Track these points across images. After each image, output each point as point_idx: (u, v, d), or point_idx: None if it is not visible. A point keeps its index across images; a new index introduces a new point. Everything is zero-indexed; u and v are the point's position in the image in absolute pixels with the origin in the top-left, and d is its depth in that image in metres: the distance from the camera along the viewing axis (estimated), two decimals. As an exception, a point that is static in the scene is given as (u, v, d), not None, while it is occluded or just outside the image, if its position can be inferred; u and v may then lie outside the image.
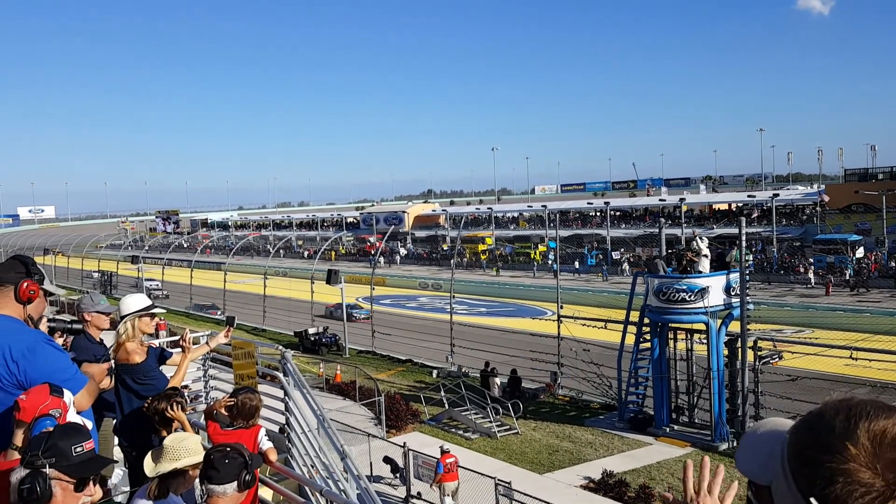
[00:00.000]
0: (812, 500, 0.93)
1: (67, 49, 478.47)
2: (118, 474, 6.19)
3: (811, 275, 47.82)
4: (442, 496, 16.41)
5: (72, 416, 3.05)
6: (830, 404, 1.02)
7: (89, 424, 3.31)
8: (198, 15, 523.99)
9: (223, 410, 5.27)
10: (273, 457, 5.26)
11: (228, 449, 3.62)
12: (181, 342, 5.72)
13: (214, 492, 3.45)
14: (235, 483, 3.49)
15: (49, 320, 4.41)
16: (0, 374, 3.18)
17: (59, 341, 4.63)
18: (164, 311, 5.95)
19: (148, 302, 5.43)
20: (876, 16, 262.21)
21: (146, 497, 3.72)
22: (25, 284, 3.38)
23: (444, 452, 16.59)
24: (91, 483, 2.69)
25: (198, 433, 4.99)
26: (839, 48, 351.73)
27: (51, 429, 2.80)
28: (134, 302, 5.36)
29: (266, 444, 5.18)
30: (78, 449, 2.67)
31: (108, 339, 6.04)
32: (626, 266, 57.09)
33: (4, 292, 3.36)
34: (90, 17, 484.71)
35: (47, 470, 2.56)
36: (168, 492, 3.75)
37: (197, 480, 3.93)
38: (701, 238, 22.75)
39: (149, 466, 3.79)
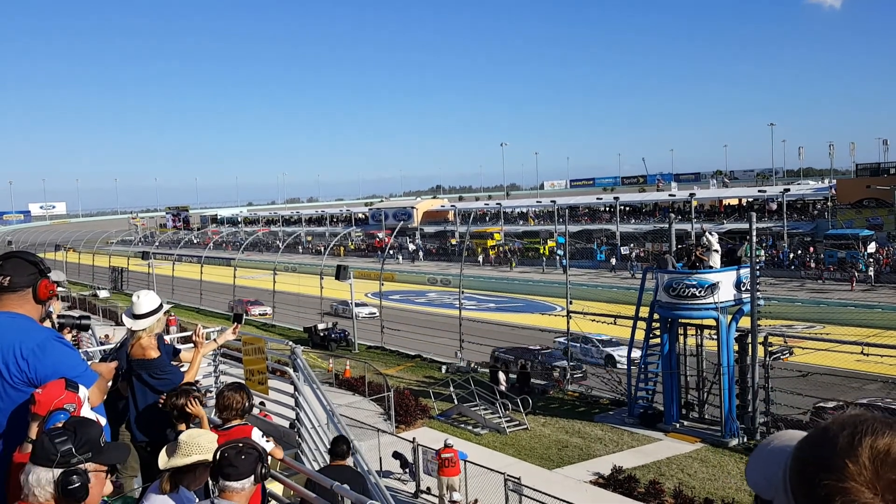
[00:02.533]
0: None
1: (77, 48, 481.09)
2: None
3: (871, 271, 45.79)
4: (440, 488, 16.50)
5: (86, 412, 3.08)
6: (839, 420, 0.99)
7: (102, 420, 3.33)
8: (207, 13, 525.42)
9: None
10: (279, 455, 5.26)
11: (241, 444, 3.62)
12: (194, 337, 5.72)
13: (232, 488, 3.45)
14: (252, 477, 3.51)
15: (59, 316, 4.42)
16: (11, 371, 3.19)
17: (68, 337, 4.65)
18: (171, 305, 5.96)
19: (160, 300, 5.44)
20: (888, 9, 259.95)
21: (158, 491, 3.74)
22: (44, 284, 3.38)
23: (445, 447, 16.73)
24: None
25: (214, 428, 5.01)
26: (850, 42, 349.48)
27: (60, 424, 2.83)
28: (147, 302, 5.36)
29: (268, 445, 5.13)
30: (103, 439, 2.75)
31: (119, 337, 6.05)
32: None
33: (22, 295, 3.35)
34: (100, 15, 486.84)
35: (84, 465, 2.61)
36: (179, 486, 3.76)
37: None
38: (711, 233, 22.65)
39: (162, 460, 3.82)
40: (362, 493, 6.57)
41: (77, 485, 2.55)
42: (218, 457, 3.52)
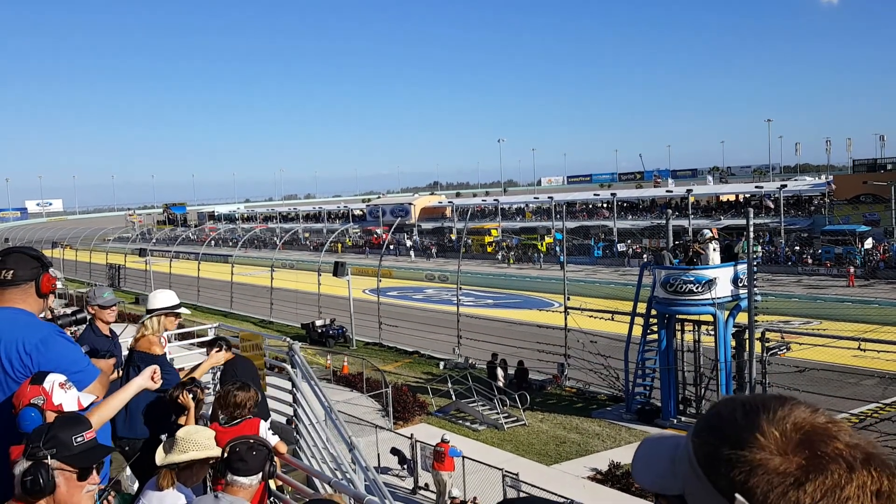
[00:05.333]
0: (737, 496, 0.92)
1: (74, 44, 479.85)
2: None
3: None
4: (437, 483, 16.54)
5: (65, 399, 3.04)
6: (722, 403, 1.03)
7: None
8: (204, 9, 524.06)
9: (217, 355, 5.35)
10: (283, 450, 5.28)
11: (252, 441, 3.63)
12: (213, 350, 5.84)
13: (240, 483, 3.45)
14: (260, 474, 3.51)
15: (57, 317, 4.42)
16: (15, 366, 3.20)
17: (68, 333, 4.65)
18: (188, 311, 5.92)
19: (176, 300, 5.42)
20: (885, 5, 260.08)
21: (155, 488, 3.74)
22: (46, 278, 3.39)
23: (440, 441, 16.88)
24: (94, 472, 2.71)
25: (206, 424, 5.01)
26: (848, 37, 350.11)
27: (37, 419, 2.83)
28: (162, 298, 5.35)
29: (273, 439, 5.18)
30: (79, 439, 2.68)
31: (118, 331, 6.05)
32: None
33: (24, 289, 3.36)
34: (96, 12, 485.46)
35: (49, 461, 2.58)
36: (175, 483, 3.76)
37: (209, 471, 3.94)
38: (702, 234, 22.66)
39: (159, 456, 3.81)
40: (252, 377, 6.87)
41: (30, 477, 2.53)
42: (228, 451, 3.53)
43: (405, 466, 18.03)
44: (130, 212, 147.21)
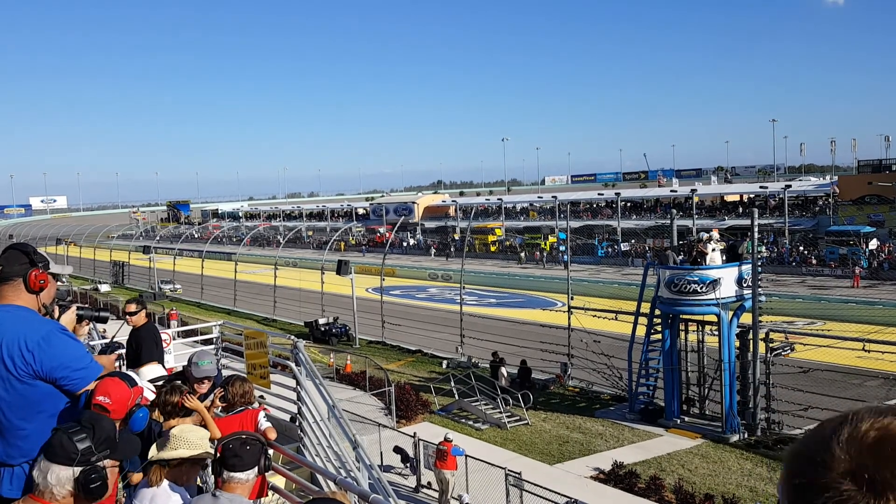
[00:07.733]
0: None
1: (78, 41, 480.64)
2: None
3: None
4: (439, 481, 16.53)
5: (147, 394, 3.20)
6: (815, 426, 0.97)
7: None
8: (208, 7, 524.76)
9: (218, 402, 5.34)
10: (272, 435, 5.29)
11: (244, 436, 3.63)
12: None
13: (237, 479, 3.45)
14: (256, 468, 3.52)
15: (78, 308, 4.40)
16: (17, 364, 3.17)
17: (86, 329, 4.64)
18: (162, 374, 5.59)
19: (162, 373, 5.38)
20: (891, 5, 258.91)
21: (146, 485, 3.73)
22: (34, 274, 3.36)
23: (443, 440, 16.85)
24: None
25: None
26: (853, 37, 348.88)
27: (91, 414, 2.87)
28: (149, 372, 5.32)
29: (265, 424, 5.28)
30: (118, 433, 2.79)
31: (114, 330, 6.04)
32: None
33: (14, 285, 3.34)
34: (101, 8, 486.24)
35: (102, 462, 2.63)
36: (162, 479, 3.74)
37: (209, 469, 3.94)
38: (704, 237, 22.61)
39: (151, 451, 3.81)
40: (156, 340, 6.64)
41: (98, 483, 2.57)
42: (222, 448, 3.53)
43: (408, 465, 18.04)
44: (134, 209, 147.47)
